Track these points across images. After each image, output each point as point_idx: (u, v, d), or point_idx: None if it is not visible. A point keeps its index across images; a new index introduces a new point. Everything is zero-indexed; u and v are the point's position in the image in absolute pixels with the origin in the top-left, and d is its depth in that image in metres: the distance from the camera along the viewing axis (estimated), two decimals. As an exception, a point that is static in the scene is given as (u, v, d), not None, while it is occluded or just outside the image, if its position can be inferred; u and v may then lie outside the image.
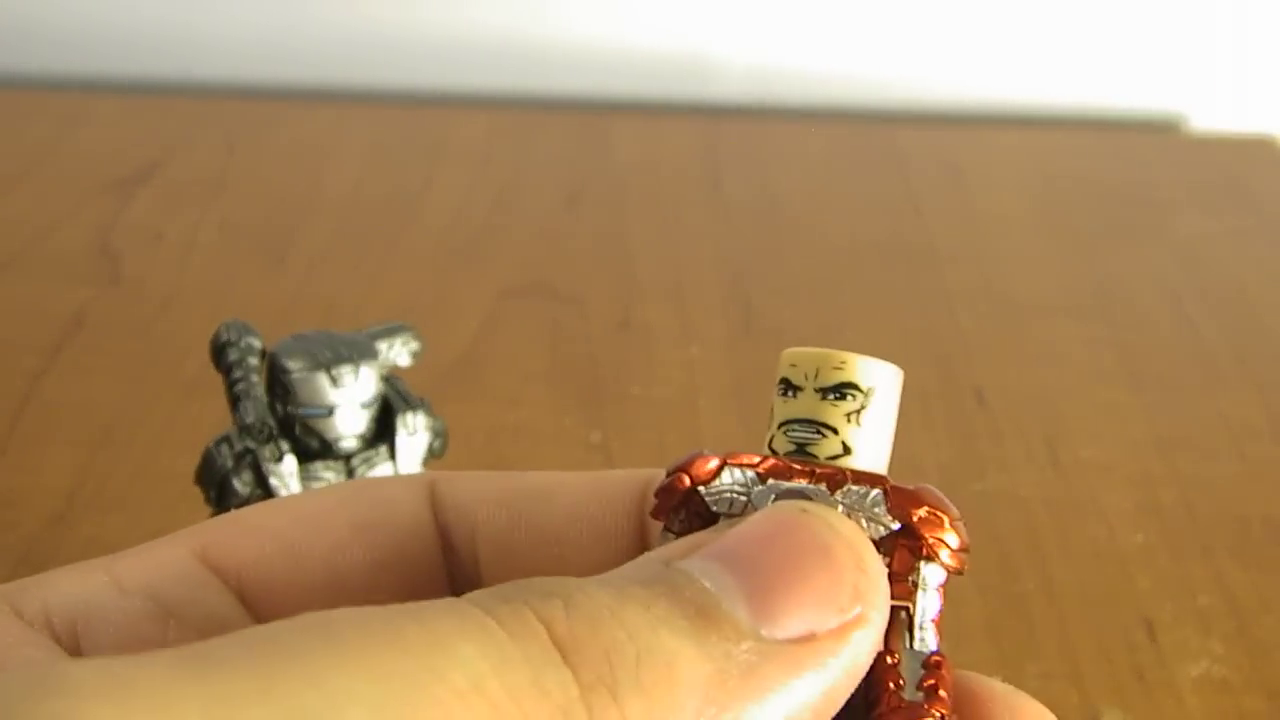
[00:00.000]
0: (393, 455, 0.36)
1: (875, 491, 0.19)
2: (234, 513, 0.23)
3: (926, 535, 0.19)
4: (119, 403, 0.55)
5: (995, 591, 0.48)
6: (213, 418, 0.52)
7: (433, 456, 0.37)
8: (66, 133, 0.78)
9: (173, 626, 0.20)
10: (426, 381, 0.46)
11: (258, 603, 0.21)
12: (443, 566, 0.22)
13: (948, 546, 0.19)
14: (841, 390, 0.19)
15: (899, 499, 0.19)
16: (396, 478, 0.23)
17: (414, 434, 0.36)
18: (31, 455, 0.52)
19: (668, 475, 0.20)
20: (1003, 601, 0.47)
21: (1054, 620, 0.46)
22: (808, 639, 0.17)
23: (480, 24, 0.86)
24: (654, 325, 0.62)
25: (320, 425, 0.35)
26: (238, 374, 0.36)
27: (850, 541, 0.18)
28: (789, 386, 0.20)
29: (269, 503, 0.23)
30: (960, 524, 0.19)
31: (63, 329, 0.60)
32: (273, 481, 0.35)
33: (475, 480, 0.23)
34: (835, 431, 0.19)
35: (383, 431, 0.36)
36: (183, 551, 0.21)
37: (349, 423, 0.35)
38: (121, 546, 0.51)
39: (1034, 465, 0.54)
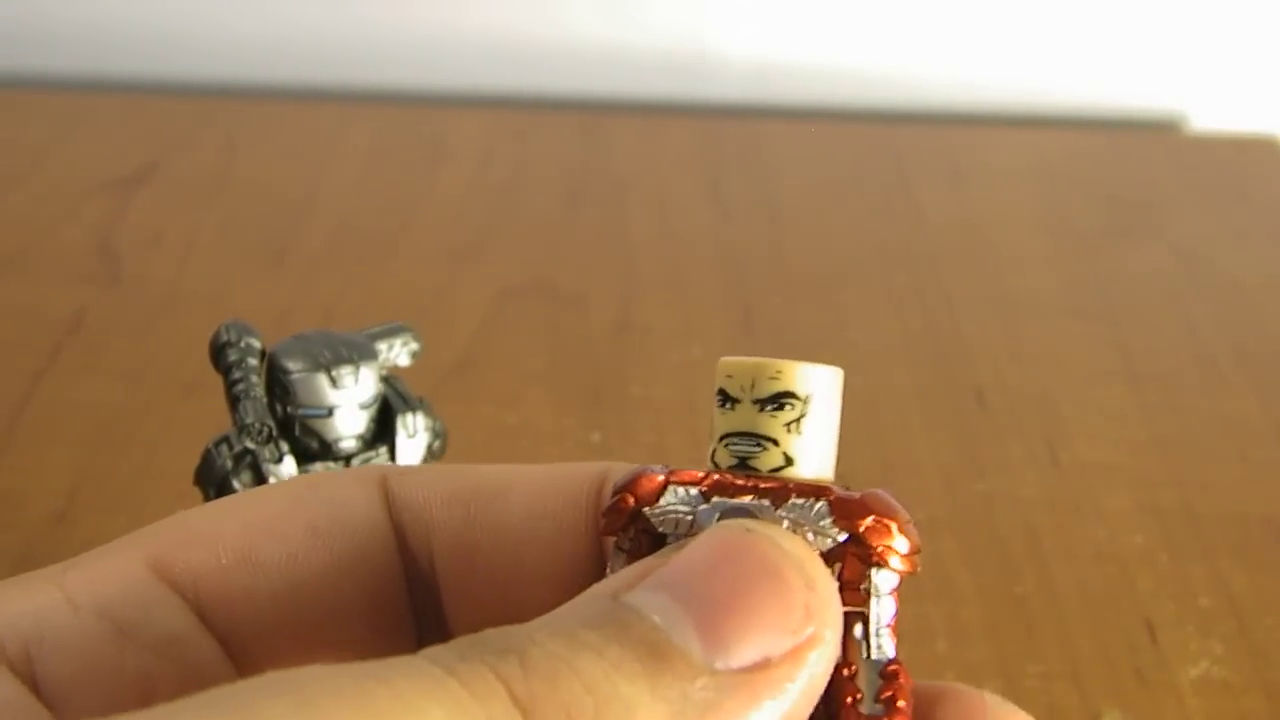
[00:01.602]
0: (393, 456, 0.36)
1: (820, 504, 0.19)
2: (183, 516, 0.22)
3: (874, 544, 0.18)
4: (118, 403, 0.55)
5: (995, 592, 0.48)
6: (212, 418, 0.52)
7: (432, 457, 0.37)
8: (66, 133, 0.78)
9: (129, 648, 0.20)
10: (426, 381, 0.46)
11: (214, 616, 0.21)
12: (399, 567, 0.22)
13: (897, 553, 0.18)
14: (779, 400, 0.19)
15: (844, 509, 0.19)
16: (346, 474, 0.23)
17: (414, 435, 0.36)
18: (31, 455, 0.52)
19: (614, 494, 0.20)
20: (1003, 602, 0.47)
21: (1054, 621, 0.46)
22: (763, 665, 0.17)
23: (480, 24, 0.86)
24: (654, 325, 0.62)
25: (320, 426, 0.35)
26: (237, 374, 0.36)
27: (798, 560, 0.18)
28: (726, 398, 0.19)
29: (218, 505, 0.22)
30: (910, 526, 0.19)
31: (62, 329, 0.60)
32: (272, 482, 0.35)
33: (428, 477, 0.22)
34: (776, 443, 0.19)
35: (382, 432, 0.36)
36: (135, 563, 0.21)
37: (348, 423, 0.35)
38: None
39: (1034, 466, 0.54)
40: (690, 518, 0.19)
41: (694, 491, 0.19)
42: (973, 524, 0.50)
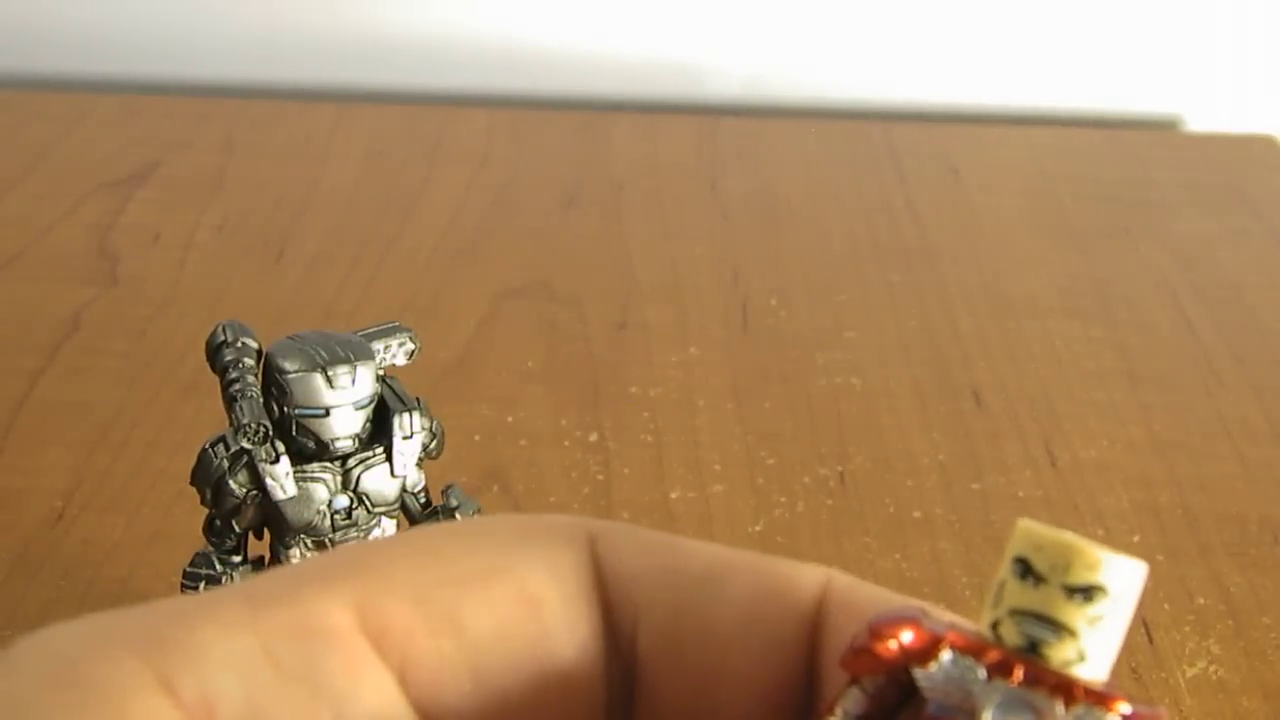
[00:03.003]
0: (389, 456, 0.36)
1: (1112, 717, 0.18)
2: (377, 551, 0.19)
3: None
4: (116, 403, 0.55)
5: (992, 592, 0.48)
6: (209, 418, 0.52)
7: (428, 458, 0.37)
8: (65, 133, 0.78)
9: None
10: (423, 382, 0.46)
11: (418, 691, 0.18)
12: (601, 650, 0.19)
13: None
14: (1090, 592, 0.18)
15: None
16: (554, 526, 0.20)
17: (410, 435, 0.36)
18: (28, 455, 0.52)
19: (873, 636, 0.18)
20: (1000, 602, 0.47)
21: (1051, 621, 0.46)
22: None
23: (480, 24, 0.86)
24: (652, 325, 0.62)
25: (316, 426, 0.35)
26: (234, 375, 0.36)
27: None
28: (1029, 571, 0.18)
29: (412, 543, 0.19)
30: None
31: (60, 329, 0.60)
32: (268, 482, 0.35)
33: (638, 546, 0.20)
34: (1074, 636, 0.18)
35: (379, 432, 0.36)
36: (338, 612, 0.18)
37: (345, 424, 0.35)
38: (119, 547, 0.51)
39: (1031, 466, 0.54)
40: (963, 693, 0.18)
41: (970, 663, 0.18)
42: (970, 523, 0.50)
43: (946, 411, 0.57)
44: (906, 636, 0.18)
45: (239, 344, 0.36)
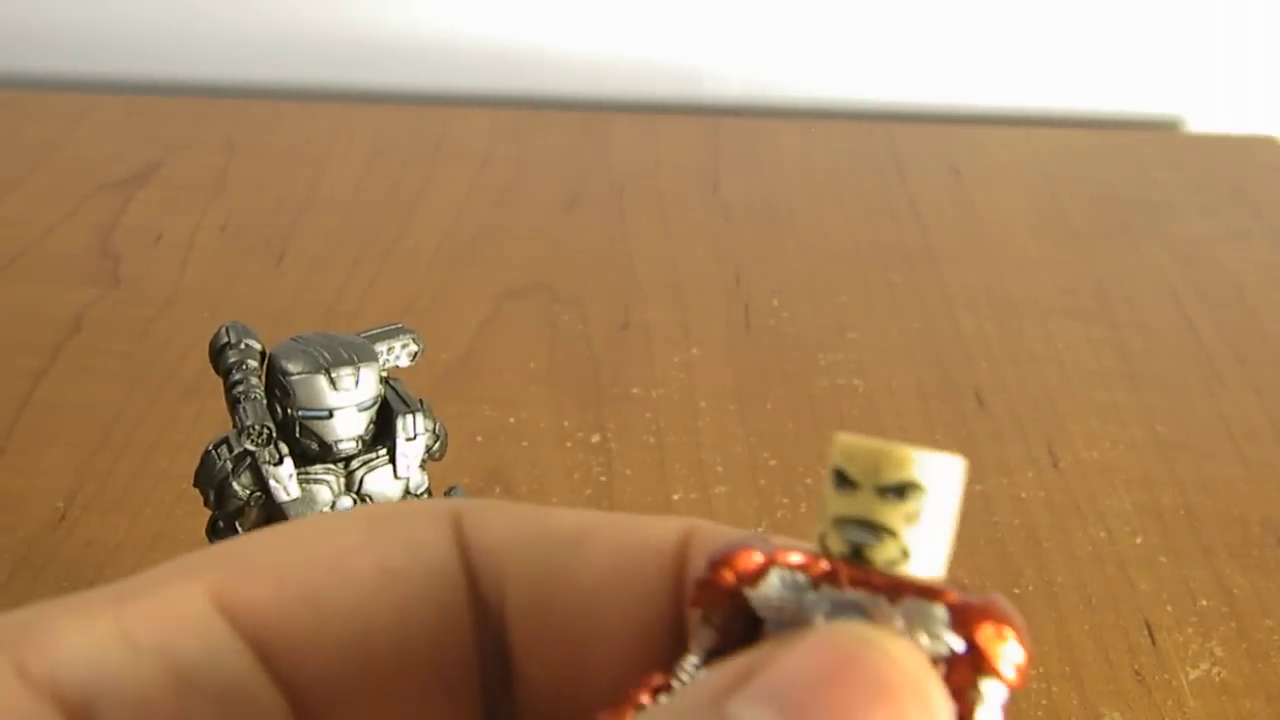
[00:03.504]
0: (393, 458, 0.36)
1: (939, 608, 0.18)
2: (241, 543, 0.20)
3: (991, 654, 0.17)
4: (118, 404, 0.55)
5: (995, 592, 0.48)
6: (211, 419, 0.52)
7: (432, 459, 0.37)
8: (66, 133, 0.78)
9: (192, 697, 0.18)
10: (425, 383, 0.46)
11: (278, 663, 0.19)
12: (469, 616, 0.20)
13: (1015, 664, 0.17)
14: (902, 489, 0.18)
15: (963, 615, 0.18)
16: (418, 508, 0.21)
17: (413, 437, 0.36)
18: (30, 456, 0.52)
19: (710, 568, 0.18)
20: (1002, 603, 0.47)
21: (1054, 622, 0.46)
22: None
23: (479, 25, 0.86)
24: (654, 326, 0.62)
25: (319, 428, 0.35)
26: (237, 376, 0.36)
27: (915, 678, 0.17)
28: (844, 480, 0.18)
29: (279, 533, 0.20)
30: (1025, 635, 0.18)
31: (62, 330, 0.60)
32: (272, 484, 0.35)
33: (503, 518, 0.21)
34: (894, 535, 0.18)
35: (382, 434, 0.36)
36: (195, 597, 0.19)
37: (348, 425, 0.35)
38: (120, 548, 0.51)
39: (1034, 466, 0.54)
40: (796, 606, 0.18)
41: (801, 578, 0.18)
42: (972, 524, 0.50)
43: (948, 412, 0.57)
44: (743, 563, 0.18)
45: (242, 345, 0.36)
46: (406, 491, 0.37)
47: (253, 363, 0.36)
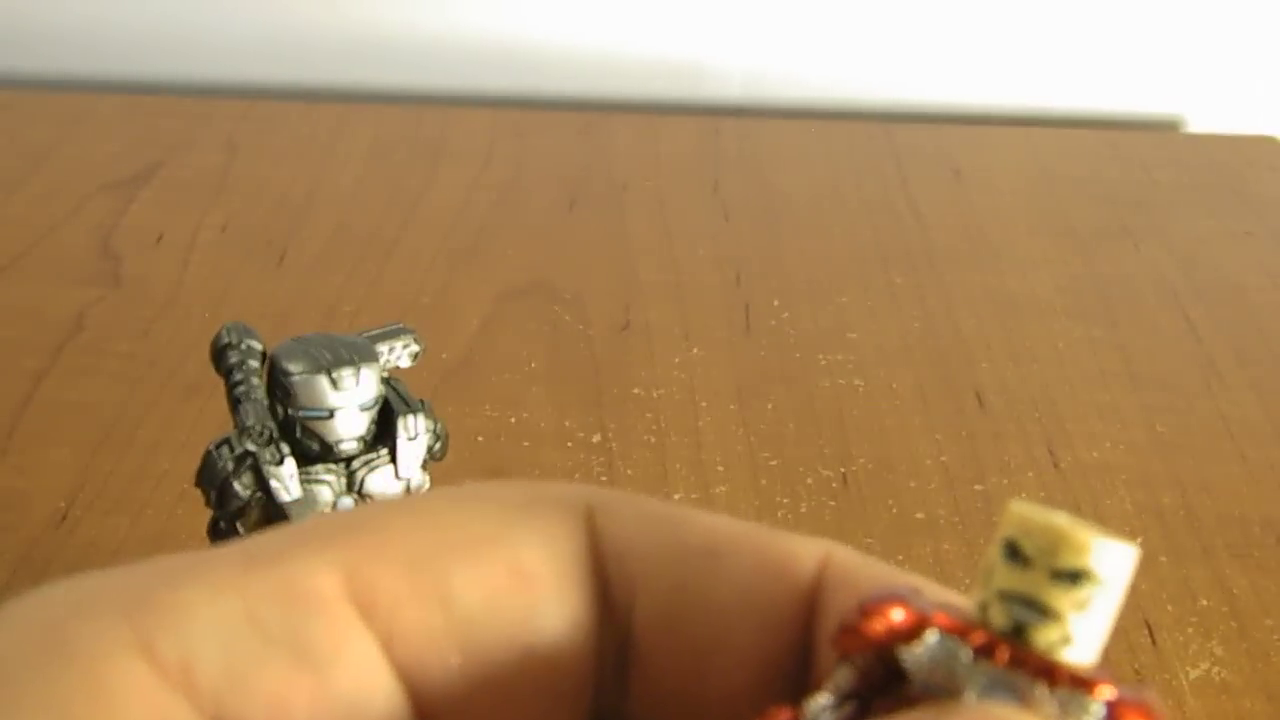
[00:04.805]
0: (394, 458, 0.36)
1: (1096, 704, 0.17)
2: (375, 513, 0.19)
3: None
4: (119, 404, 0.55)
5: (995, 593, 0.48)
6: (212, 419, 0.52)
7: (433, 459, 0.37)
8: (67, 134, 0.78)
9: (319, 699, 0.17)
10: (426, 383, 0.46)
11: (404, 665, 0.18)
12: (596, 622, 0.19)
13: None
14: (1076, 576, 0.17)
15: (1117, 713, 0.17)
16: (551, 497, 0.20)
17: (414, 437, 0.36)
18: (32, 456, 0.52)
19: (861, 615, 0.18)
20: (1003, 603, 0.47)
21: (1054, 622, 0.46)
22: None
23: (480, 25, 0.86)
24: (654, 326, 0.62)
25: (321, 428, 0.35)
26: (238, 376, 0.36)
27: None
28: (1017, 553, 0.18)
29: (410, 507, 0.19)
30: None
31: (63, 330, 0.60)
32: (273, 484, 0.35)
33: (637, 518, 0.20)
34: (1060, 619, 0.17)
35: (383, 434, 0.36)
36: (327, 577, 0.18)
37: (349, 425, 0.35)
38: (122, 549, 0.51)
39: (1034, 467, 0.54)
40: (948, 673, 0.18)
41: (960, 648, 0.18)
42: (972, 525, 0.51)
43: (949, 412, 0.57)
44: (896, 616, 0.18)
45: (244, 346, 0.36)
46: (407, 492, 0.37)
47: (254, 363, 0.36)
